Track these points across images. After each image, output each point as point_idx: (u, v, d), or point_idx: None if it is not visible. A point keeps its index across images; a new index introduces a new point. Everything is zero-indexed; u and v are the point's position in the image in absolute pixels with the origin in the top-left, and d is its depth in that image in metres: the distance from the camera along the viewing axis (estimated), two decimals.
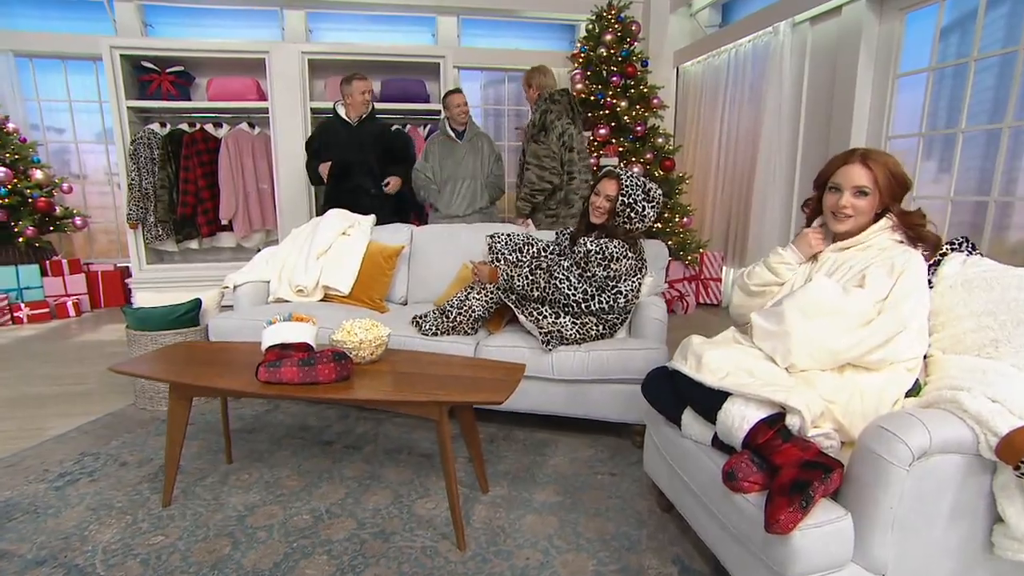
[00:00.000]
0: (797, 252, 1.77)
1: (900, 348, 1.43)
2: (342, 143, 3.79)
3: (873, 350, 1.41)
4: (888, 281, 1.48)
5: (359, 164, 3.75)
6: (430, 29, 5.86)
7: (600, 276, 2.32)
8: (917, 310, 1.46)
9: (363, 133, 3.78)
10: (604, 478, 2.19)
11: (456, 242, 3.09)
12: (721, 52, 5.21)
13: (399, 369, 1.88)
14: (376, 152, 3.79)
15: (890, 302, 1.45)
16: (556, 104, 3.54)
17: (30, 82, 5.41)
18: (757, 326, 1.59)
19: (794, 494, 1.18)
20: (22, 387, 3.15)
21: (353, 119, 3.77)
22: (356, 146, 3.72)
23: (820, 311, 1.47)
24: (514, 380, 1.75)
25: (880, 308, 1.46)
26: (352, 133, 3.78)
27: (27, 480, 2.12)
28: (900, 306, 1.44)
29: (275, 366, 1.67)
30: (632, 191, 2.34)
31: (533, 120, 3.60)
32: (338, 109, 3.83)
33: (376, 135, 3.82)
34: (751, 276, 1.86)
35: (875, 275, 1.51)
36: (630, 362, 2.31)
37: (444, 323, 2.46)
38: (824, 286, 1.52)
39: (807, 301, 1.51)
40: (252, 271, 2.98)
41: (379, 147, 3.81)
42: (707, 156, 5.50)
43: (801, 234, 1.78)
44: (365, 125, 3.79)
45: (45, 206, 4.89)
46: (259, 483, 2.10)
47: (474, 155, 3.91)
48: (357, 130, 3.78)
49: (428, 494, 2.03)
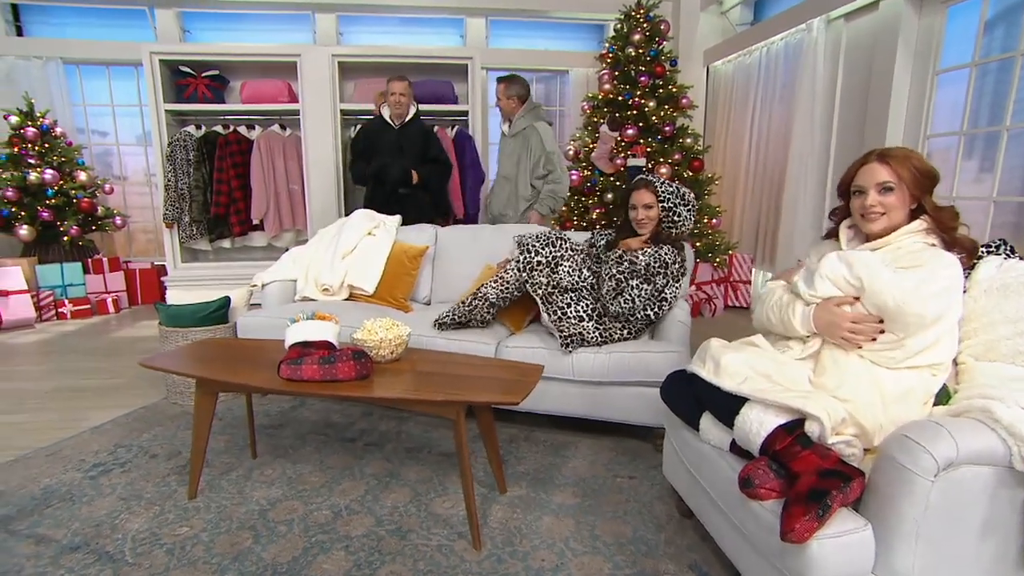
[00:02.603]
0: (810, 324, 1.55)
1: (914, 344, 1.38)
2: (385, 146, 3.80)
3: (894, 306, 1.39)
4: (916, 279, 1.42)
5: (398, 166, 3.75)
6: (458, 31, 5.90)
7: (660, 284, 2.30)
8: (945, 312, 1.40)
9: (404, 135, 3.78)
10: (623, 481, 2.16)
11: (480, 243, 3.10)
12: (752, 50, 5.12)
13: (418, 368, 1.90)
14: (415, 154, 3.80)
15: (914, 298, 1.39)
16: None
17: (77, 87, 5.63)
18: (798, 274, 1.62)
19: (811, 503, 1.15)
20: (63, 379, 3.28)
21: (396, 121, 3.77)
22: (397, 149, 3.73)
23: (856, 262, 1.47)
24: (531, 381, 1.75)
25: (905, 297, 1.39)
26: (394, 135, 3.79)
27: (65, 469, 2.21)
28: (927, 303, 1.37)
29: (296, 364, 1.70)
30: (669, 196, 2.33)
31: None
32: (383, 111, 3.85)
33: (415, 137, 3.80)
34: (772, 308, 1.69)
35: (902, 273, 1.45)
36: (651, 364, 2.28)
37: (460, 309, 2.46)
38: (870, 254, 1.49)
39: (850, 254, 1.51)
40: (279, 270, 3.04)
41: (419, 149, 3.82)
42: (737, 156, 5.40)
43: (824, 306, 1.53)
44: (408, 127, 3.78)
45: (88, 206, 5.08)
46: (282, 478, 2.14)
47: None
48: (399, 132, 3.78)
49: (446, 493, 2.04)
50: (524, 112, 3.74)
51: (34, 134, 4.85)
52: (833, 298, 1.52)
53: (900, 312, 1.38)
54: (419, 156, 3.81)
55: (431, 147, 3.92)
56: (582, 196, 5.14)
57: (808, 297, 1.56)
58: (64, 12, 5.52)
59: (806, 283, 1.58)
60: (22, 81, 5.24)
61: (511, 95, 3.75)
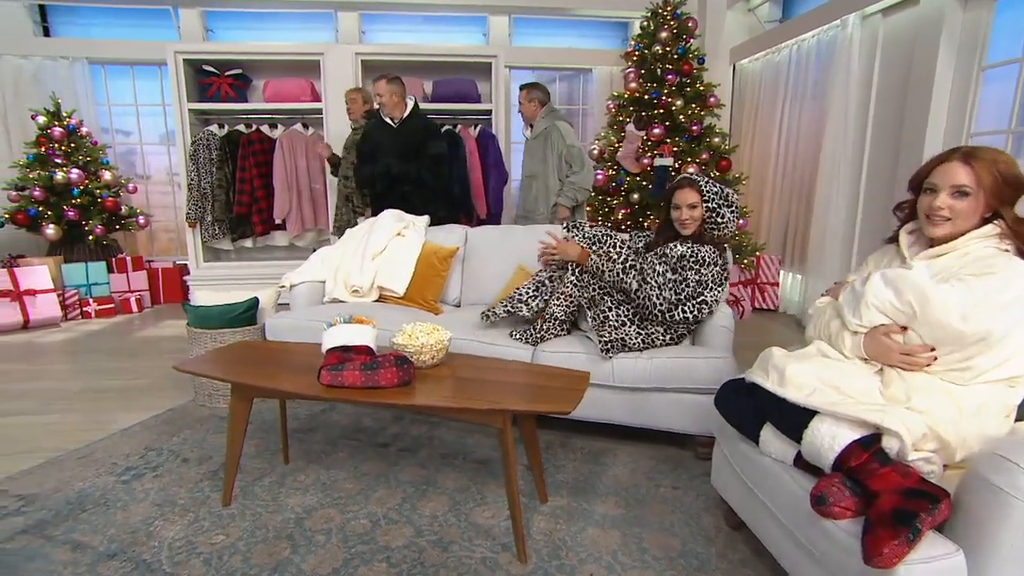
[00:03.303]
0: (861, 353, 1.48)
1: (982, 363, 1.30)
2: (385, 145, 3.75)
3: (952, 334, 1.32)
4: (983, 289, 1.33)
5: (396, 165, 3.69)
6: (481, 29, 5.85)
7: (692, 281, 2.23)
8: (1016, 326, 1.31)
9: (402, 134, 3.71)
10: (667, 491, 2.10)
11: (511, 243, 3.04)
12: (782, 48, 5.01)
13: (459, 374, 1.84)
14: (414, 151, 3.73)
15: (982, 313, 1.31)
16: None
17: (101, 87, 5.65)
18: (844, 294, 1.54)
19: (900, 526, 1.07)
20: (90, 380, 3.27)
21: (395, 120, 3.71)
22: (397, 147, 3.68)
23: (904, 285, 1.39)
24: (579, 390, 1.68)
25: (967, 315, 1.31)
26: (392, 134, 3.73)
27: (98, 472, 2.18)
28: (994, 317, 1.29)
29: (337, 369, 1.65)
30: (713, 196, 2.26)
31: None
32: (381, 111, 3.81)
33: (415, 134, 3.71)
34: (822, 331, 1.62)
35: (969, 281, 1.36)
36: (694, 371, 2.21)
37: (532, 335, 2.41)
38: (920, 269, 1.40)
39: (896, 275, 1.42)
40: (308, 271, 3.01)
41: (418, 146, 3.75)
42: (765, 156, 5.30)
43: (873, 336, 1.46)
44: (406, 124, 3.71)
45: (112, 206, 5.09)
46: (316, 485, 2.09)
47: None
48: (397, 131, 3.72)
49: (485, 502, 1.98)
50: (544, 114, 3.86)
51: (61, 134, 4.87)
52: (880, 327, 1.44)
53: (961, 335, 1.30)
54: (417, 152, 3.70)
55: (430, 141, 3.73)
56: (607, 196, 5.05)
57: (855, 327, 1.48)
58: (90, 12, 5.54)
59: (852, 311, 1.49)
60: (49, 81, 5.26)
61: (532, 98, 3.86)
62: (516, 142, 5.74)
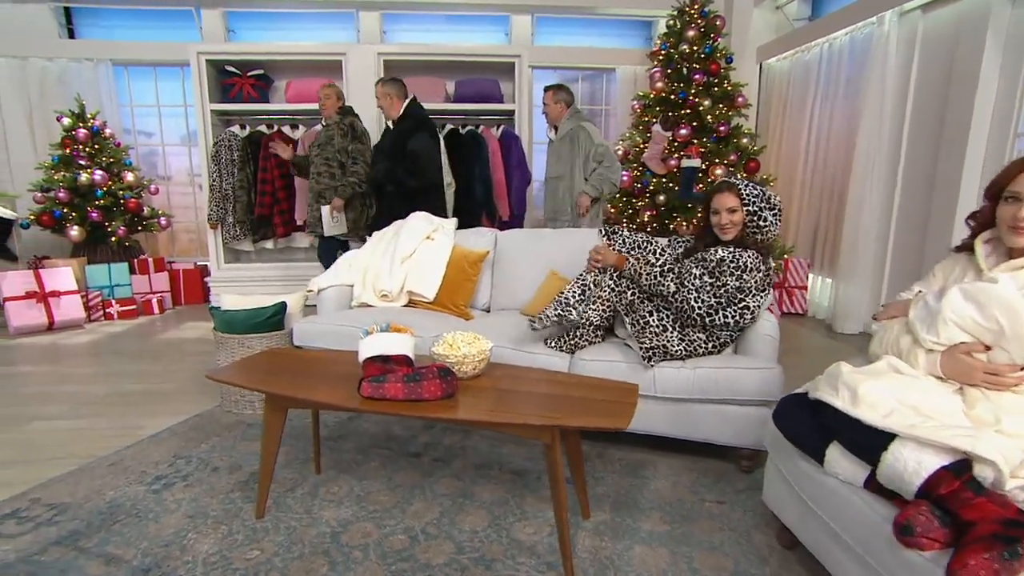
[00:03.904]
0: (938, 372, 1.40)
1: None
2: (383, 147, 3.81)
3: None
4: None
5: (384, 167, 3.74)
6: (503, 28, 5.79)
7: (732, 287, 2.15)
8: None
9: (394, 135, 3.73)
10: (712, 506, 2.02)
11: (542, 247, 2.97)
12: (812, 46, 4.90)
13: (501, 386, 1.77)
14: (400, 152, 3.71)
15: None
16: None
17: (124, 88, 5.66)
18: (915, 310, 1.44)
19: (996, 542, 0.99)
20: (116, 383, 3.24)
21: (392, 122, 3.75)
22: (389, 149, 3.71)
23: (988, 299, 1.29)
24: (630, 403, 1.61)
25: None
26: (389, 136, 3.78)
27: (128, 481, 2.14)
28: None
29: (379, 381, 1.59)
30: (753, 200, 2.17)
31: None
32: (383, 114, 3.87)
33: (400, 135, 3.71)
34: (889, 349, 1.54)
35: None
36: (740, 382, 2.12)
37: (566, 342, 2.35)
38: (1005, 282, 1.31)
39: (978, 289, 1.33)
40: (336, 275, 2.96)
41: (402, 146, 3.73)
42: (793, 157, 5.18)
43: (952, 354, 1.38)
44: (398, 126, 3.72)
45: (135, 207, 5.09)
46: (350, 497, 2.03)
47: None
48: (393, 132, 3.76)
49: (525, 517, 1.92)
50: (569, 115, 3.80)
51: (85, 135, 4.87)
52: (960, 345, 1.35)
53: None
54: (403, 152, 3.68)
55: (410, 139, 3.69)
56: (632, 198, 4.97)
57: (930, 345, 1.39)
58: (114, 14, 5.56)
59: (926, 328, 1.40)
60: (73, 83, 5.27)
61: (559, 100, 3.80)
62: (538, 142, 5.67)
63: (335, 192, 3.91)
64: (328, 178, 3.98)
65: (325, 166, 3.99)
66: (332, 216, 3.95)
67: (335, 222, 3.99)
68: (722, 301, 2.17)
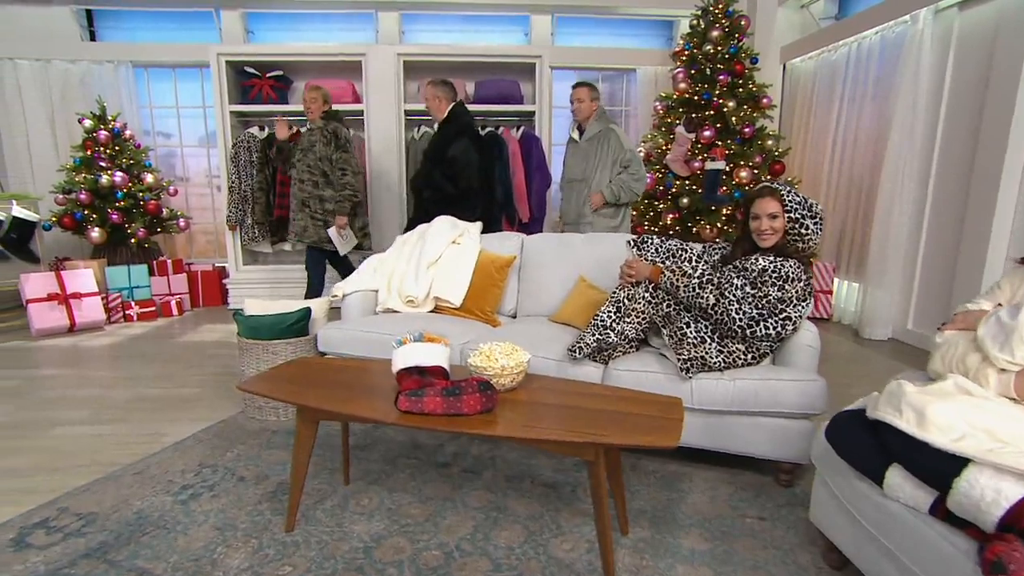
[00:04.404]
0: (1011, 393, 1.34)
1: None
2: (427, 151, 3.79)
3: None
4: None
5: (424, 172, 3.72)
6: (523, 28, 5.73)
7: (773, 297, 2.09)
8: None
9: (436, 138, 3.70)
10: (753, 522, 1.95)
11: (569, 252, 2.91)
12: (839, 46, 4.80)
13: (538, 399, 1.72)
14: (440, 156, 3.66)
15: None
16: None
17: (144, 90, 5.66)
18: (986, 326, 1.36)
19: None
20: (137, 388, 3.22)
21: (437, 125, 3.73)
22: (430, 152, 3.69)
23: None
24: (676, 418, 1.55)
25: None
26: (432, 140, 3.75)
27: (154, 491, 2.10)
28: None
29: (417, 395, 1.54)
30: (796, 207, 2.11)
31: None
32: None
33: (442, 139, 3.68)
34: (954, 366, 1.48)
35: None
36: (781, 394, 2.06)
37: (599, 353, 2.28)
38: None
39: None
40: (360, 280, 2.91)
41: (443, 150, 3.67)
42: (818, 159, 5.09)
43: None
44: (441, 129, 3.68)
45: (154, 208, 5.08)
46: (381, 509, 1.99)
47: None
48: (435, 135, 3.73)
49: (562, 533, 1.86)
50: (598, 115, 3.67)
51: (106, 137, 4.88)
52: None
53: None
54: (443, 157, 3.61)
55: (450, 145, 3.63)
56: (655, 200, 4.90)
57: (1004, 365, 1.32)
58: (135, 17, 5.57)
59: (1000, 346, 1.33)
60: (94, 85, 5.28)
61: (594, 98, 3.65)
62: (557, 144, 5.60)
63: (334, 207, 3.86)
64: (311, 186, 3.90)
65: (308, 174, 3.90)
66: (341, 235, 3.92)
67: (345, 239, 3.96)
68: (763, 312, 2.11)
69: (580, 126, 3.76)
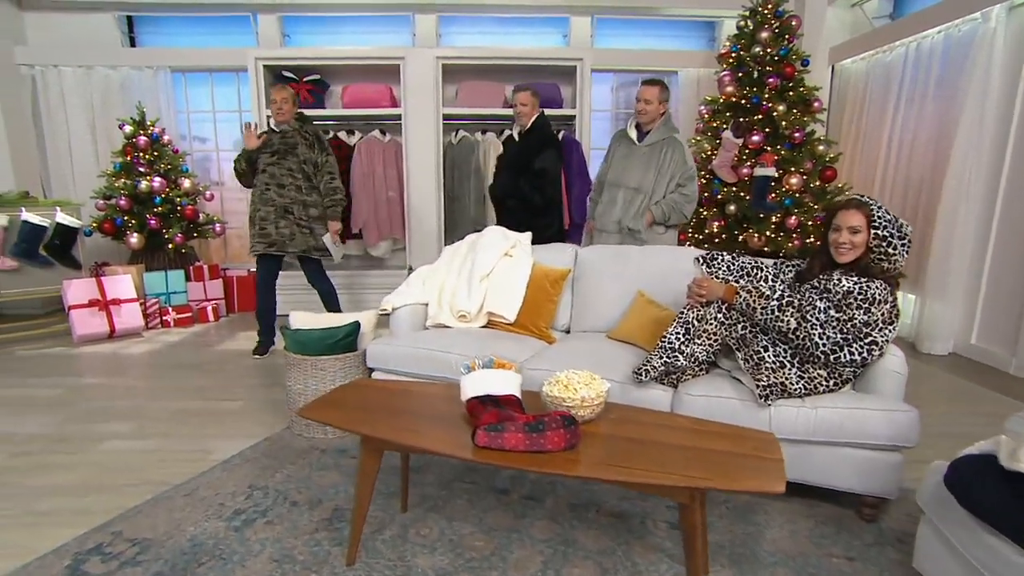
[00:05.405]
0: None
1: None
2: (508, 158, 3.84)
3: None
4: None
5: (507, 180, 3.69)
6: (561, 30, 5.62)
7: (859, 321, 1.95)
8: None
9: (521, 147, 3.70)
10: (841, 562, 1.81)
11: (626, 265, 2.79)
12: (895, 46, 4.60)
13: (620, 433, 1.60)
14: (524, 166, 3.58)
15: None
16: None
17: (182, 95, 5.66)
18: None
19: None
20: (178, 400, 3.17)
21: (522, 132, 3.72)
22: (513, 161, 3.70)
23: None
24: (775, 459, 1.43)
25: None
26: (515, 148, 3.77)
27: (206, 515, 2.03)
28: None
29: (496, 430, 1.44)
30: (885, 224, 1.97)
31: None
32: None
33: (527, 148, 3.63)
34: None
35: None
36: (869, 424, 1.92)
37: (669, 381, 2.17)
38: None
39: None
40: (409, 293, 2.83)
41: (528, 159, 3.57)
42: (871, 164, 4.89)
43: None
44: (525, 138, 3.66)
45: (191, 214, 5.07)
46: (442, 541, 1.89)
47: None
48: (519, 144, 3.72)
49: (638, 571, 1.74)
50: (664, 121, 3.33)
51: (145, 143, 4.87)
52: None
53: None
54: (528, 167, 3.53)
55: (537, 155, 3.56)
56: (699, 207, 4.74)
57: None
58: (174, 22, 5.58)
59: None
60: (134, 91, 5.29)
61: (665, 99, 3.31)
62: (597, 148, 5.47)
63: (319, 213, 3.77)
64: (295, 191, 3.66)
65: (290, 178, 3.65)
66: (335, 242, 3.85)
67: (338, 245, 3.91)
68: (848, 336, 1.97)
69: (640, 127, 3.38)
